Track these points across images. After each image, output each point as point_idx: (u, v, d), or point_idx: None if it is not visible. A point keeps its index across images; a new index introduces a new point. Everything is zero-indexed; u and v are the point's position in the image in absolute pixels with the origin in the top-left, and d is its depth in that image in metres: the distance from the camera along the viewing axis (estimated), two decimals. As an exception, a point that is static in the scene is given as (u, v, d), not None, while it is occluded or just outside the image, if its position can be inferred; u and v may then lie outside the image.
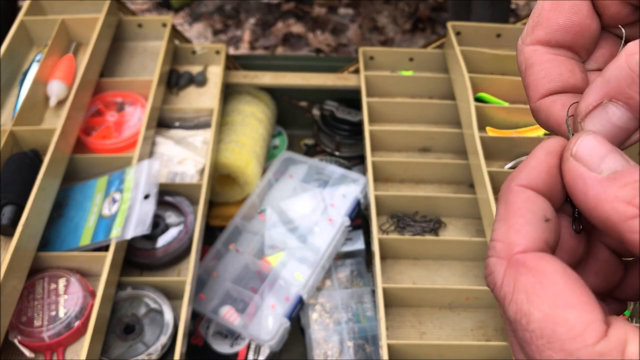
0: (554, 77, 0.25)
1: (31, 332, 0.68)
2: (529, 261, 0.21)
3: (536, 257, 0.21)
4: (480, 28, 1.02)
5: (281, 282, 0.85)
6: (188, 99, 1.01)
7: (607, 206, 0.20)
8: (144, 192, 0.78)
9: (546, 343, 0.19)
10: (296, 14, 2.08)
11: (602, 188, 0.21)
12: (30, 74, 0.87)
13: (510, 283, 0.21)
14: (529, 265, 0.21)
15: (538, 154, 0.23)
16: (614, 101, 0.22)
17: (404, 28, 2.02)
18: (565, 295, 0.20)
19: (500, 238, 0.22)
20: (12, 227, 0.68)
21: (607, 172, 0.21)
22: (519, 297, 0.20)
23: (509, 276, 0.21)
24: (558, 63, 0.25)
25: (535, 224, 0.22)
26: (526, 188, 0.23)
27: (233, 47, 1.97)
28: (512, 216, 0.22)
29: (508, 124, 0.89)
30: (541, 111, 0.25)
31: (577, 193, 0.22)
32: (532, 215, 0.22)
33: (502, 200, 0.23)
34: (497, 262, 0.22)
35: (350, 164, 1.04)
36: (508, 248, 0.22)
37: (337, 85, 1.06)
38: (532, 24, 0.26)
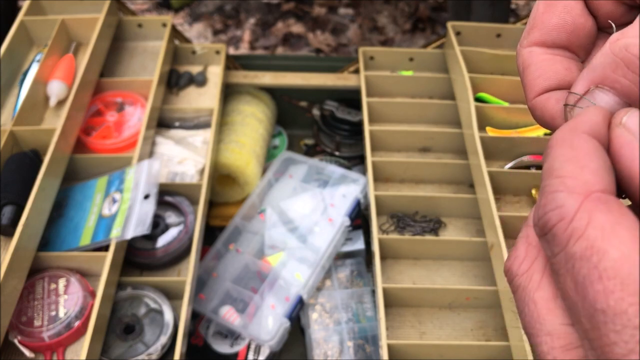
0: (549, 75, 0.25)
1: (31, 332, 0.68)
2: (611, 202, 0.20)
3: (618, 204, 0.20)
4: (480, 28, 1.02)
5: (281, 282, 0.85)
6: (188, 99, 1.02)
7: None
8: (144, 192, 0.78)
9: (619, 284, 0.18)
10: (296, 14, 2.08)
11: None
12: (30, 74, 0.87)
13: (585, 218, 0.19)
14: (611, 207, 0.19)
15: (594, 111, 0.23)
16: (600, 87, 0.23)
17: (404, 28, 2.02)
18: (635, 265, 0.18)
19: (572, 175, 0.20)
20: (12, 227, 0.68)
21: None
22: (594, 233, 0.19)
23: (584, 211, 0.19)
24: (554, 62, 0.26)
25: (607, 172, 0.21)
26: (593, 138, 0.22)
27: (233, 47, 1.97)
28: (585, 158, 0.21)
29: (508, 124, 0.89)
30: (536, 109, 0.26)
31: (624, 159, 0.21)
32: (604, 163, 0.21)
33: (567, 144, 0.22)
34: (569, 196, 0.20)
35: (350, 164, 1.04)
36: (585, 185, 0.20)
37: (337, 85, 1.06)
38: (528, 27, 0.27)
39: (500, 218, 0.74)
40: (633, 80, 0.22)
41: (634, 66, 0.22)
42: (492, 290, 0.78)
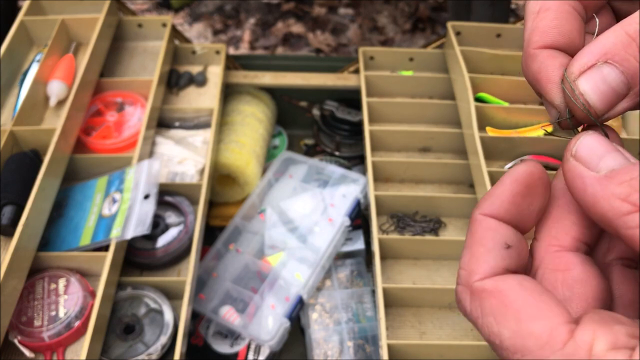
0: (565, 31, 0.24)
1: (31, 332, 0.68)
2: (487, 285, 0.22)
3: (493, 280, 0.22)
4: (480, 28, 1.02)
5: (281, 282, 0.85)
6: (188, 99, 1.02)
7: (603, 203, 0.21)
8: (144, 192, 0.78)
9: (521, 357, 0.20)
10: (296, 14, 2.08)
11: (599, 186, 0.21)
12: (30, 74, 0.87)
13: (477, 309, 0.22)
14: (488, 290, 0.22)
15: (504, 181, 0.24)
16: (609, 62, 0.22)
17: (404, 28, 2.02)
18: (527, 309, 0.21)
19: (463, 266, 0.23)
20: (12, 227, 0.68)
21: (605, 170, 0.22)
22: (488, 320, 0.21)
23: (475, 302, 0.22)
24: (573, 19, 0.25)
25: (495, 252, 0.23)
26: (488, 217, 0.24)
27: (233, 47, 1.97)
28: (474, 244, 0.23)
29: (508, 124, 0.89)
30: (537, 61, 0.24)
31: (576, 191, 0.22)
32: (492, 244, 0.23)
33: (468, 228, 0.24)
34: (462, 290, 0.23)
35: (350, 164, 1.04)
36: (469, 276, 0.23)
37: (337, 85, 1.06)
38: None
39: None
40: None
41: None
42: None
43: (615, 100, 0.23)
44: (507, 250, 0.23)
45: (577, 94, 0.23)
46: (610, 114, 0.23)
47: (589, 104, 0.23)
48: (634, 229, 0.20)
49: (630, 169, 0.21)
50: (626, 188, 0.20)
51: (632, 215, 0.20)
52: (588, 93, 0.23)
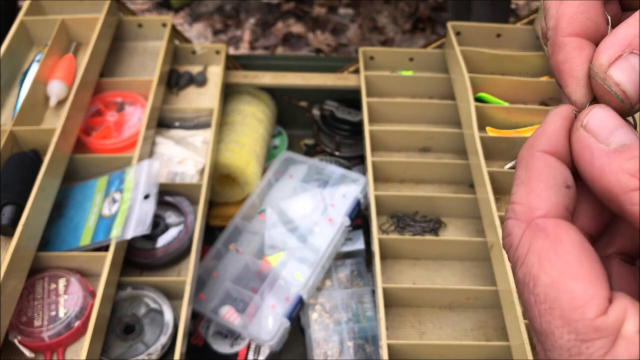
0: (592, 16, 0.24)
1: (31, 332, 0.68)
2: (548, 227, 0.21)
3: (556, 224, 0.21)
4: (480, 28, 1.02)
5: (281, 282, 0.85)
6: (188, 99, 1.02)
7: (610, 177, 0.21)
8: (144, 192, 0.78)
9: (547, 308, 0.20)
10: (296, 14, 2.08)
11: (607, 159, 0.21)
12: (30, 74, 0.87)
13: (526, 245, 0.21)
14: (547, 231, 0.21)
15: (554, 119, 0.23)
16: (634, 52, 0.22)
17: (404, 28, 2.02)
18: (576, 266, 0.20)
19: (520, 201, 0.22)
20: (12, 227, 0.68)
21: (615, 144, 0.21)
22: (531, 260, 0.21)
23: (526, 239, 0.21)
24: (597, 3, 0.24)
25: (556, 190, 0.22)
26: (547, 154, 0.23)
27: (233, 47, 1.97)
28: (534, 180, 0.22)
29: (508, 124, 0.89)
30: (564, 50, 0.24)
31: (583, 163, 0.22)
32: (553, 181, 0.22)
33: (523, 165, 0.23)
34: (515, 224, 0.22)
35: (350, 164, 1.04)
36: (529, 211, 0.22)
37: (337, 85, 1.06)
38: None
39: (501, 218, 0.74)
40: None
41: None
42: (492, 290, 0.78)
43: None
44: (567, 190, 0.22)
45: (612, 84, 0.22)
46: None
47: (625, 94, 0.22)
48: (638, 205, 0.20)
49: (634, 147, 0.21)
50: (635, 164, 0.20)
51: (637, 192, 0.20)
52: (623, 83, 0.22)
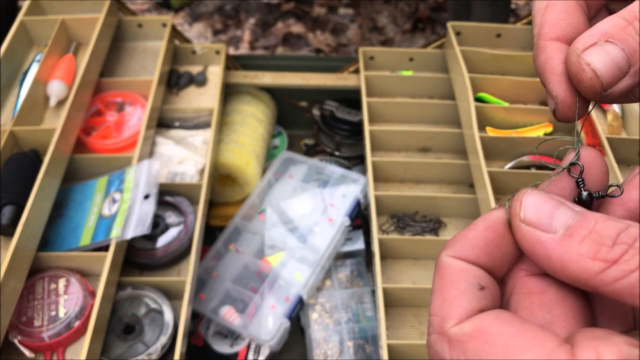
0: (573, 23, 0.25)
1: (31, 332, 0.68)
2: (466, 328, 0.21)
3: (469, 321, 0.21)
4: (480, 28, 1.02)
5: (281, 282, 0.85)
6: (188, 99, 1.02)
7: (573, 266, 0.20)
8: (144, 192, 0.78)
9: None
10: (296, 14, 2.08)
11: (563, 249, 0.21)
12: (30, 74, 0.87)
13: (460, 355, 0.21)
14: (468, 332, 0.21)
15: (477, 226, 0.23)
16: (609, 40, 0.23)
17: (404, 28, 2.02)
18: (514, 341, 0.20)
19: (435, 312, 0.22)
20: (12, 227, 0.68)
21: (561, 229, 0.21)
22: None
23: (456, 350, 0.21)
24: (579, 12, 0.25)
25: (468, 294, 0.22)
26: (458, 259, 0.23)
27: (233, 47, 1.97)
28: (445, 288, 0.22)
29: (508, 124, 0.89)
30: (545, 52, 0.25)
31: (539, 259, 0.22)
32: (465, 286, 0.22)
33: (435, 271, 0.23)
34: (438, 339, 0.21)
35: (350, 164, 1.04)
36: (444, 322, 0.21)
37: (337, 85, 1.06)
38: None
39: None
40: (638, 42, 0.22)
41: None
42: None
43: (619, 75, 0.23)
44: (481, 292, 0.22)
45: (584, 64, 0.23)
46: (614, 90, 0.23)
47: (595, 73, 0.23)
48: (613, 283, 0.19)
49: (584, 221, 0.21)
50: (591, 245, 0.20)
51: (607, 272, 0.19)
52: (594, 63, 0.23)
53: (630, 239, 0.20)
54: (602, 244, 0.20)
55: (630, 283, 0.19)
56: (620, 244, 0.20)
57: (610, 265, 0.19)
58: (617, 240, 0.20)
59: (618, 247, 0.20)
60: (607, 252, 0.20)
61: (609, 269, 0.19)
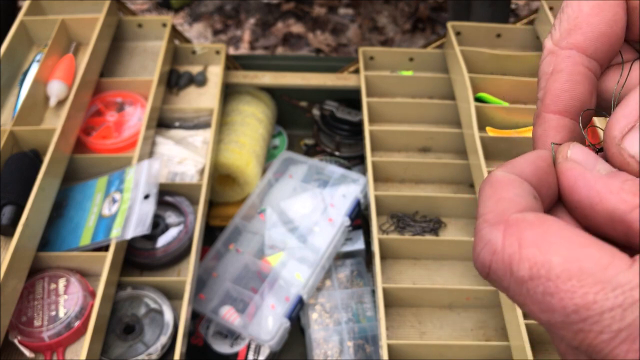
0: (577, 95, 0.24)
1: (31, 332, 0.68)
2: (528, 216, 0.20)
3: (535, 214, 0.20)
4: (480, 28, 1.02)
5: (281, 282, 0.85)
6: (188, 99, 1.02)
7: (613, 198, 0.20)
8: (144, 192, 0.78)
9: (577, 282, 0.18)
10: (296, 14, 2.08)
11: (604, 183, 0.21)
12: (30, 74, 0.87)
13: (514, 243, 0.20)
14: (530, 220, 0.20)
15: (528, 155, 0.23)
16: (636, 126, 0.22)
17: (404, 28, 2.02)
18: (578, 238, 0.19)
19: (490, 210, 0.21)
20: (12, 227, 0.68)
21: (604, 171, 0.21)
22: (530, 251, 0.19)
23: (511, 236, 0.20)
24: (586, 80, 0.24)
25: (525, 197, 0.21)
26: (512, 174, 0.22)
27: (233, 47, 1.97)
28: (501, 191, 0.21)
29: (508, 124, 0.89)
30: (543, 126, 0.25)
31: (579, 190, 0.22)
32: (521, 190, 0.21)
33: (486, 184, 0.22)
34: (491, 230, 0.20)
35: (350, 164, 1.04)
36: (502, 214, 0.20)
37: (337, 85, 1.06)
38: (568, 26, 0.24)
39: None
40: None
41: None
42: (492, 290, 0.78)
43: None
44: (536, 200, 0.22)
45: (627, 157, 0.22)
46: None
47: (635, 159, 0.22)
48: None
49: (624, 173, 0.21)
50: (632, 185, 0.20)
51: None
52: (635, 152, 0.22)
53: None
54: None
55: None
56: None
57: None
58: None
59: None
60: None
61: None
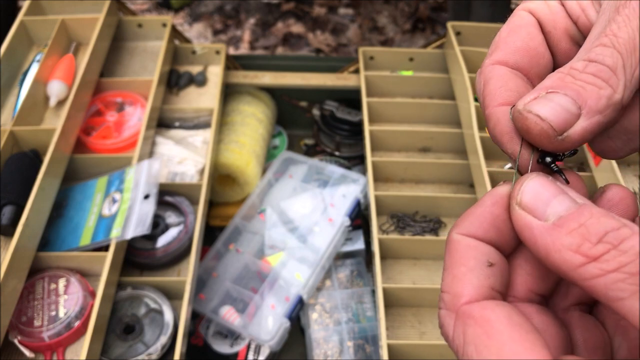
0: (511, 87, 0.25)
1: (31, 332, 0.68)
2: (475, 312, 0.21)
3: (481, 306, 0.21)
4: (480, 28, 1.02)
5: (281, 282, 0.85)
6: (188, 99, 1.02)
7: (555, 256, 0.20)
8: (144, 192, 0.78)
9: None
10: (296, 14, 2.08)
11: (549, 237, 0.21)
12: (30, 74, 0.87)
13: (460, 336, 0.21)
14: (474, 316, 0.21)
15: (485, 202, 0.24)
16: (551, 91, 0.23)
17: (404, 28, 2.02)
18: (511, 344, 0.20)
19: (446, 289, 0.23)
20: (12, 227, 0.68)
21: (553, 218, 0.21)
22: (469, 349, 0.21)
23: (458, 329, 0.21)
24: (516, 77, 0.26)
25: (478, 271, 0.22)
26: (467, 236, 0.23)
27: (233, 47, 1.97)
28: (455, 265, 0.23)
29: (508, 124, 0.88)
30: (491, 119, 0.25)
31: (527, 242, 0.22)
32: (474, 262, 0.23)
33: (446, 249, 0.24)
34: (446, 314, 0.22)
35: (350, 164, 1.04)
36: (454, 299, 0.22)
37: (337, 85, 1.06)
38: (491, 49, 0.27)
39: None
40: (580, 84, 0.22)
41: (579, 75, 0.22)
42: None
43: (569, 117, 0.22)
44: (490, 269, 0.23)
45: (526, 113, 0.23)
46: (573, 132, 0.23)
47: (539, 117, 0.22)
48: (590, 280, 0.19)
49: (578, 214, 0.21)
50: (576, 238, 0.20)
51: (586, 267, 0.20)
52: (537, 110, 0.23)
53: (617, 240, 0.19)
54: (587, 239, 0.20)
55: (606, 284, 0.19)
56: (605, 242, 0.20)
57: (590, 261, 0.20)
58: (604, 239, 0.20)
59: (601, 245, 0.20)
60: (589, 248, 0.20)
61: (588, 264, 0.20)
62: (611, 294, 0.19)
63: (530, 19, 0.26)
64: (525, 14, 0.26)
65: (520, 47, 0.26)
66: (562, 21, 0.26)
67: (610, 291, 0.19)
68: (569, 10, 0.26)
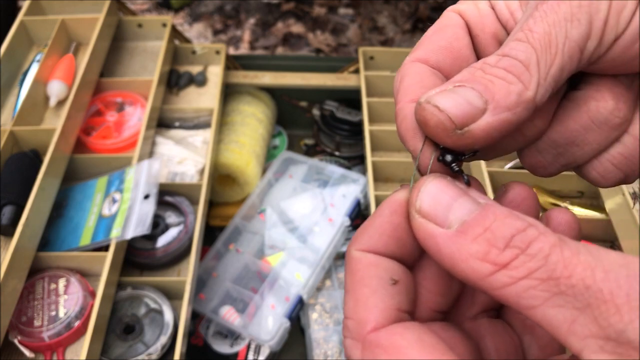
0: (427, 85, 0.24)
1: (31, 332, 0.68)
2: (382, 340, 0.20)
3: (389, 333, 0.20)
4: (480, 28, 1.02)
5: (281, 282, 0.85)
6: (188, 99, 1.02)
7: (463, 265, 0.19)
8: (144, 192, 0.78)
9: None
10: (296, 14, 2.08)
11: (454, 246, 0.19)
12: (30, 74, 0.87)
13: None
14: (383, 345, 0.19)
15: (383, 211, 0.22)
16: (458, 84, 0.21)
17: (404, 28, 2.02)
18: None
19: (350, 315, 0.21)
20: (12, 227, 0.68)
21: (456, 224, 0.20)
22: None
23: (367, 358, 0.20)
24: (434, 77, 0.24)
25: (381, 292, 0.21)
26: (367, 252, 0.22)
27: (233, 47, 1.97)
28: (357, 287, 0.21)
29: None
30: (399, 115, 0.24)
31: (431, 252, 0.20)
32: (377, 282, 0.21)
33: (346, 268, 0.22)
34: (352, 344, 0.20)
35: (350, 164, 1.04)
36: (359, 327, 0.20)
37: (337, 85, 1.06)
38: (415, 47, 0.25)
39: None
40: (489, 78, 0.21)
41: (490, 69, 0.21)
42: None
43: (473, 111, 0.21)
44: (394, 287, 0.21)
45: (425, 104, 0.21)
46: (475, 127, 0.21)
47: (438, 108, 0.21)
48: (501, 289, 0.18)
49: (481, 217, 0.19)
50: (482, 244, 0.19)
51: (496, 276, 0.18)
52: (436, 101, 0.21)
53: (524, 243, 0.18)
54: (494, 245, 0.18)
55: (517, 292, 0.18)
56: (512, 247, 0.18)
57: (499, 269, 0.18)
58: (511, 243, 0.18)
59: (509, 251, 0.18)
60: (497, 255, 0.18)
61: (498, 273, 0.18)
62: (523, 302, 0.18)
63: (458, 20, 0.25)
64: (453, 14, 0.25)
65: (443, 46, 0.25)
66: (490, 25, 0.25)
67: (522, 299, 0.18)
68: (498, 13, 0.25)
